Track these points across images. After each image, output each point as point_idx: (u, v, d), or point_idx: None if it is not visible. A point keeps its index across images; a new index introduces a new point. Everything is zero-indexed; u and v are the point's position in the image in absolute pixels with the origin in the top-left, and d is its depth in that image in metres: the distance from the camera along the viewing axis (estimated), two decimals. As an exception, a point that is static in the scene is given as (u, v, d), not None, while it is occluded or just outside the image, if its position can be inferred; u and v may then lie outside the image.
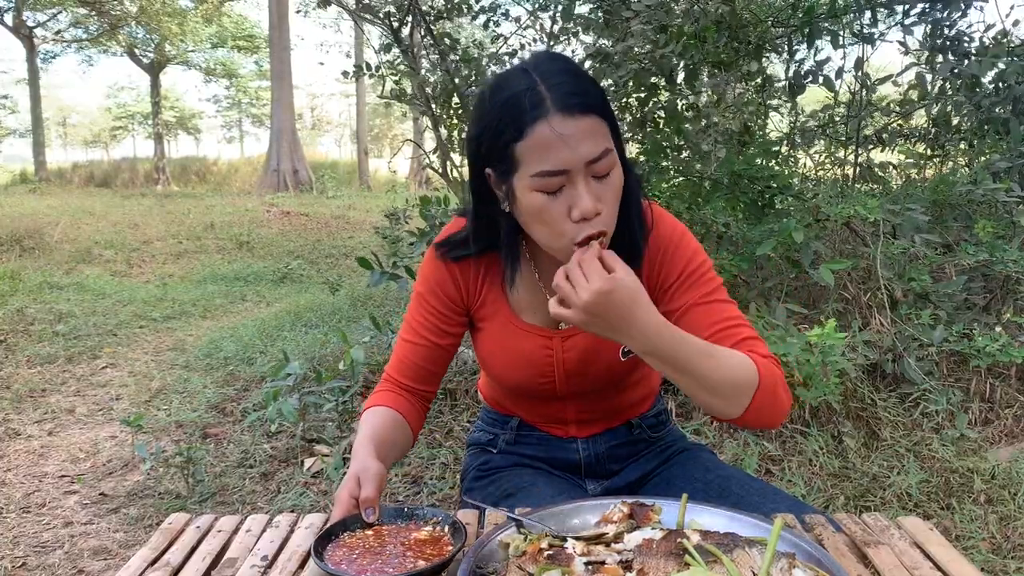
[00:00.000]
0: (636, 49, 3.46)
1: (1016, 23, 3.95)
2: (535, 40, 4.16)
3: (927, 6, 3.75)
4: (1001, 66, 3.67)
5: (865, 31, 3.88)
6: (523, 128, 0.96)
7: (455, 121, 3.96)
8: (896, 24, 4.04)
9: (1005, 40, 3.80)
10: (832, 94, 3.94)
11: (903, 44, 3.84)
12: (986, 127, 3.75)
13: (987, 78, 3.67)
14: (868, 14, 3.88)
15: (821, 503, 2.44)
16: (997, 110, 3.67)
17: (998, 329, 2.89)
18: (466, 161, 4.21)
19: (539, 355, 1.19)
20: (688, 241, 1.16)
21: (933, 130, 4.13)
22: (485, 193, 1.08)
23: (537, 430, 1.32)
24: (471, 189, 1.11)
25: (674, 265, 1.14)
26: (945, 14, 3.72)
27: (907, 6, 3.84)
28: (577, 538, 0.91)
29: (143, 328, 5.82)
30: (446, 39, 3.87)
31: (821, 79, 3.80)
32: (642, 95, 3.57)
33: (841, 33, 3.90)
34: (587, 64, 3.56)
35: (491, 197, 1.07)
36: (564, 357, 1.19)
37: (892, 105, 4.24)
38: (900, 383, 3.01)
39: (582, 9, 4.01)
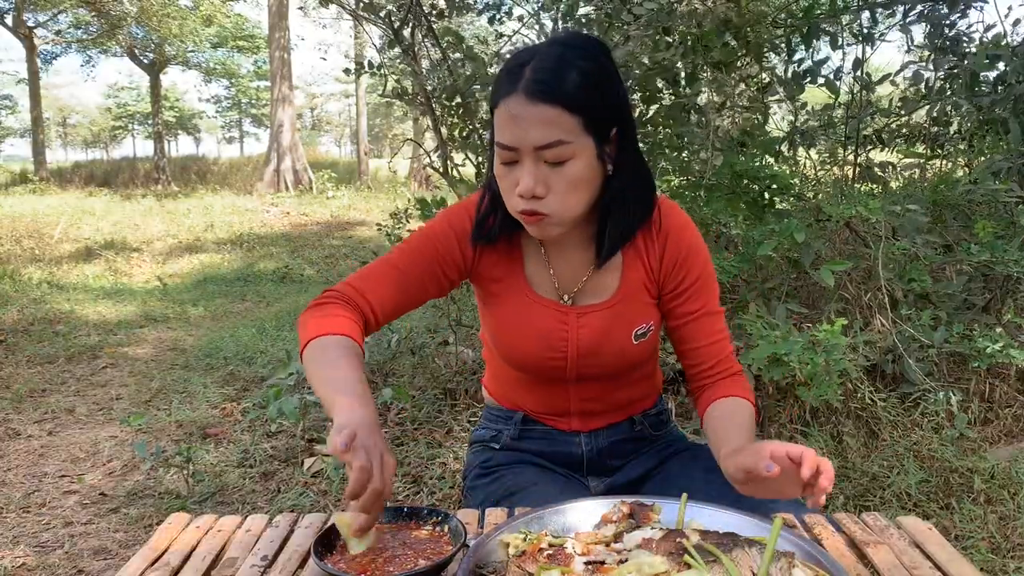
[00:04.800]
0: (637, 52, 3.46)
1: (1017, 22, 3.94)
2: (539, 37, 4.16)
3: (927, 7, 3.75)
4: (1001, 66, 3.66)
5: (865, 31, 3.87)
6: (497, 99, 1.06)
7: (456, 120, 3.95)
8: (895, 25, 4.03)
9: (1004, 41, 3.79)
10: (832, 94, 3.94)
11: (907, 42, 3.84)
12: (986, 127, 3.74)
13: (987, 74, 3.67)
14: (867, 14, 3.87)
15: (821, 503, 2.43)
16: (997, 110, 3.66)
17: (998, 330, 2.88)
18: (466, 160, 4.19)
19: (554, 329, 1.20)
20: (702, 246, 1.23)
21: (934, 130, 4.12)
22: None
23: (541, 424, 1.32)
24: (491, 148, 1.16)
25: (691, 270, 1.21)
26: (944, 11, 3.71)
27: (907, 6, 3.84)
28: (577, 538, 0.91)
29: (143, 328, 5.83)
30: (449, 37, 3.85)
31: (821, 80, 3.79)
32: (645, 95, 3.57)
33: (841, 34, 3.90)
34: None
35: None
36: (579, 333, 1.20)
37: (892, 105, 4.24)
38: (900, 383, 3.01)
39: (585, 10, 4.00)
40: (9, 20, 18.74)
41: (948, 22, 3.79)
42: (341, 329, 1.06)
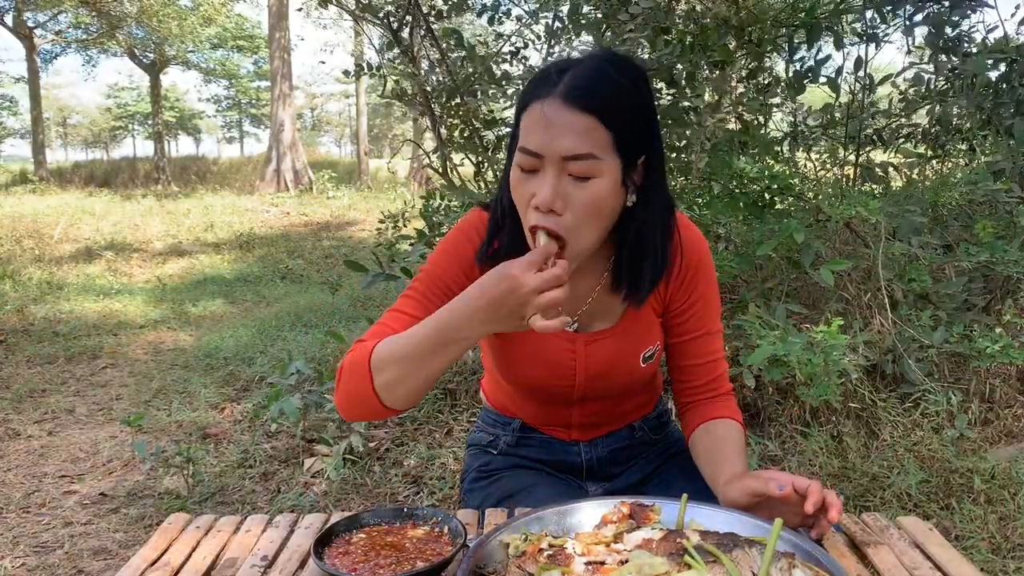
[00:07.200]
0: (635, 52, 3.45)
1: (1022, 23, 3.93)
2: (540, 37, 4.15)
3: (932, 6, 3.74)
4: (1003, 67, 3.66)
5: (870, 31, 3.86)
6: (529, 101, 1.00)
7: (455, 121, 3.95)
8: (897, 26, 4.02)
9: (1006, 42, 3.78)
10: (833, 94, 3.93)
11: (910, 43, 3.84)
12: (987, 128, 3.74)
13: (990, 74, 3.66)
14: (872, 14, 3.87)
15: (821, 503, 2.43)
16: (1001, 112, 3.65)
17: (998, 330, 2.88)
18: (465, 160, 4.16)
19: (562, 357, 1.18)
20: (711, 264, 1.21)
21: (934, 130, 4.12)
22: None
23: (539, 432, 1.31)
24: (508, 154, 1.11)
25: (698, 288, 1.19)
26: (948, 10, 3.70)
27: (910, 5, 3.83)
28: (577, 539, 0.91)
29: (143, 328, 5.83)
30: (450, 38, 3.85)
31: (823, 79, 3.79)
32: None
33: (844, 33, 3.88)
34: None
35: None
36: (587, 361, 1.18)
37: (892, 105, 4.23)
38: (900, 383, 3.01)
39: (583, 9, 4.00)
40: (9, 20, 18.74)
41: (952, 21, 3.78)
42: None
